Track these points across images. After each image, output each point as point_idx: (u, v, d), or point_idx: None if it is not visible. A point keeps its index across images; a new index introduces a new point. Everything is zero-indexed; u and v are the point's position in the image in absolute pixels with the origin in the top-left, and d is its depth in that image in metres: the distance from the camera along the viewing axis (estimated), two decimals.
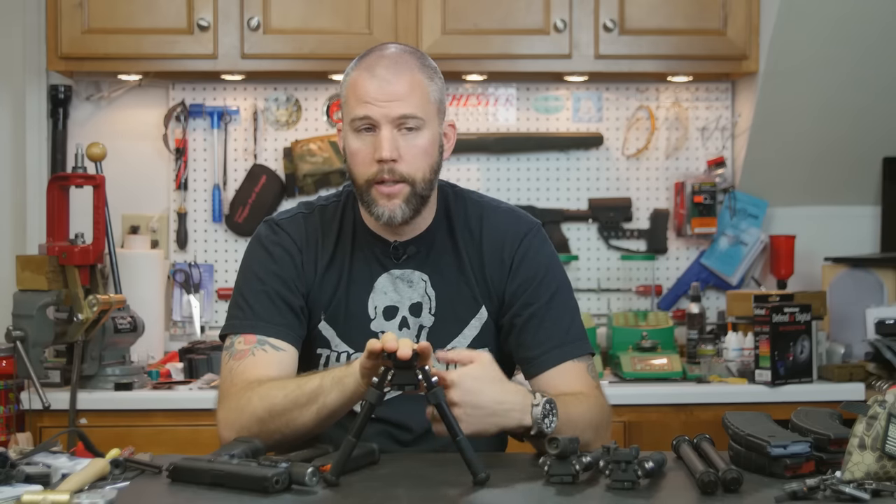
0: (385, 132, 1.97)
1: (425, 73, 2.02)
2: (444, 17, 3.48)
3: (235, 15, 3.46)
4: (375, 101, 1.97)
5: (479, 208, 2.13)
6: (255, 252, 2.09)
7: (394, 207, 1.99)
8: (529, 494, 1.68)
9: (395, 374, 1.72)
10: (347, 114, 2.02)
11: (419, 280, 2.08)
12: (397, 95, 1.97)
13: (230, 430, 1.93)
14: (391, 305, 2.07)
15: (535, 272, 2.08)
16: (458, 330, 2.08)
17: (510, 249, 2.09)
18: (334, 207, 2.12)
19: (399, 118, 1.97)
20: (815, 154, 3.77)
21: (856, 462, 1.60)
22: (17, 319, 2.97)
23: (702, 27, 3.54)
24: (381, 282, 2.08)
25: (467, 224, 2.11)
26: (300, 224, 2.10)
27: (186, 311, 3.72)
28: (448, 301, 2.08)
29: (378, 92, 1.97)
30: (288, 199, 3.75)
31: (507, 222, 2.11)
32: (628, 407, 3.19)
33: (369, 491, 1.67)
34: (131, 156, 3.75)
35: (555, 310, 2.07)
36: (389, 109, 1.97)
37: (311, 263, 2.07)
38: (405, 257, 2.08)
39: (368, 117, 1.98)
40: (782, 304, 3.20)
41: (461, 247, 2.09)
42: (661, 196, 3.88)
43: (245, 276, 2.08)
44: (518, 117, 3.85)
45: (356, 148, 2.01)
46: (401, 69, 1.99)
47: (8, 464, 1.63)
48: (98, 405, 3.08)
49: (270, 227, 2.10)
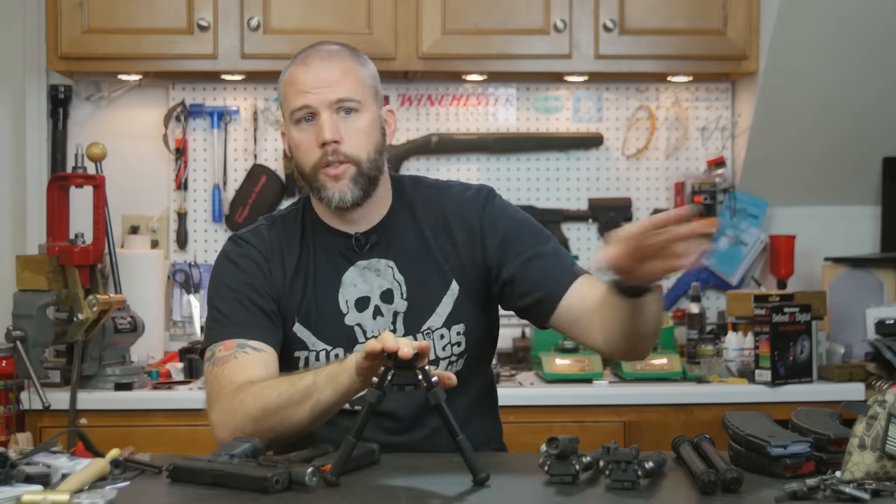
0: (325, 116, 2.04)
1: (357, 59, 2.11)
2: (444, 17, 3.48)
3: (235, 15, 3.46)
4: (312, 90, 2.05)
5: (434, 189, 2.18)
6: (222, 266, 2.13)
7: (343, 188, 2.05)
8: (529, 494, 1.68)
9: (396, 374, 1.72)
10: (287, 108, 2.08)
11: (385, 267, 2.11)
12: (331, 81, 2.05)
13: (225, 431, 1.95)
14: (362, 297, 2.10)
15: (511, 225, 2.13)
16: (432, 310, 2.10)
17: (476, 216, 2.13)
18: (294, 214, 2.17)
19: (336, 102, 2.04)
20: (816, 154, 3.77)
21: (856, 462, 1.60)
22: (17, 319, 2.97)
23: (702, 27, 3.54)
24: (348, 275, 2.11)
25: (426, 205, 2.15)
26: (263, 235, 2.14)
27: (186, 311, 3.72)
28: (417, 283, 2.11)
29: (314, 80, 2.05)
30: (288, 199, 3.75)
31: (462, 194, 2.16)
32: (628, 407, 3.19)
33: (369, 491, 1.67)
34: (131, 156, 3.75)
35: (548, 248, 2.11)
36: (325, 95, 2.04)
37: (278, 270, 2.11)
38: (368, 247, 2.11)
39: (307, 105, 2.05)
40: (782, 304, 3.20)
41: (424, 227, 2.13)
42: (661, 196, 3.88)
43: (216, 289, 2.12)
44: (518, 117, 3.85)
45: (299, 139, 2.07)
46: (333, 58, 2.08)
47: (8, 464, 1.63)
48: (98, 405, 3.08)
49: (234, 241, 2.16)
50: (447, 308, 2.11)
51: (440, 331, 2.10)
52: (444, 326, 2.10)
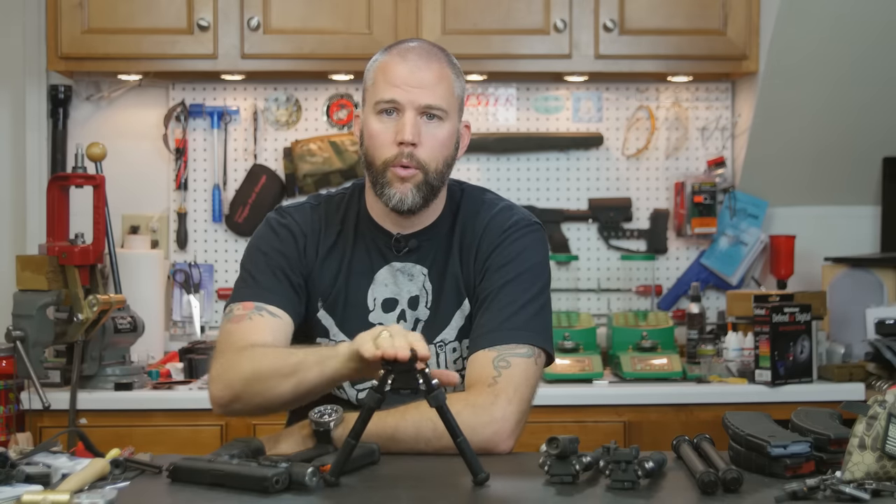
0: (409, 116, 2.01)
1: (453, 68, 2.08)
2: (444, 17, 3.48)
3: (235, 15, 3.46)
4: (404, 86, 2.01)
5: (479, 205, 2.14)
6: (261, 232, 2.14)
7: (405, 191, 2.03)
8: (529, 494, 1.68)
9: (396, 378, 1.71)
10: (373, 96, 2.05)
11: (419, 274, 2.11)
12: (426, 83, 2.02)
13: (217, 386, 1.98)
14: (390, 298, 2.10)
15: (499, 260, 2.07)
16: (446, 323, 2.10)
17: (489, 240, 2.10)
18: (340, 198, 2.17)
19: (424, 107, 2.02)
20: (815, 154, 3.77)
21: (856, 462, 1.60)
22: (17, 319, 2.97)
23: (702, 27, 3.54)
24: (381, 273, 2.10)
25: (466, 221, 2.13)
26: (307, 213, 2.14)
27: (186, 311, 3.72)
28: (440, 295, 2.10)
29: (409, 76, 2.02)
30: (288, 199, 3.75)
31: (496, 217, 2.12)
32: (628, 407, 3.19)
33: (369, 491, 1.67)
34: (131, 156, 3.75)
35: (503, 297, 2.04)
36: (416, 96, 2.01)
37: (312, 249, 2.11)
38: (406, 250, 2.11)
39: (395, 101, 2.02)
40: (782, 304, 3.20)
41: (455, 242, 2.12)
42: (661, 196, 3.88)
43: (250, 252, 2.13)
44: (518, 117, 3.85)
45: (377, 129, 2.04)
46: (432, 59, 2.05)
47: (8, 464, 1.63)
48: (98, 405, 3.08)
49: (279, 212, 2.16)
50: (459, 322, 2.11)
51: (452, 344, 2.11)
52: (457, 340, 2.11)
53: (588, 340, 3.35)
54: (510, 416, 1.95)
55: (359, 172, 3.73)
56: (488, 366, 1.98)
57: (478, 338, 2.03)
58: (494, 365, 1.98)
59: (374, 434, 1.85)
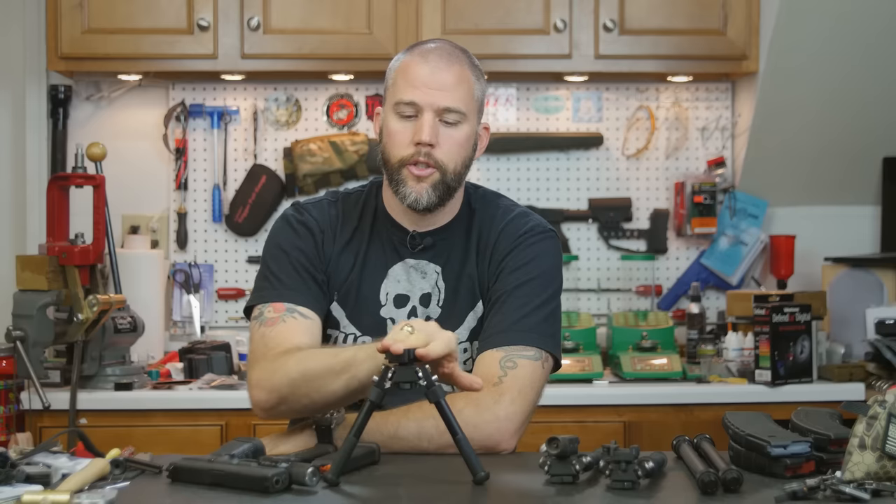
0: (427, 117, 2.02)
1: (473, 71, 2.09)
2: (444, 17, 3.49)
3: (235, 15, 3.46)
4: (424, 87, 2.03)
5: (495, 209, 2.16)
6: (280, 229, 2.15)
7: (421, 190, 2.04)
8: (529, 494, 1.68)
9: (396, 371, 1.72)
10: (393, 96, 2.07)
11: (432, 272, 2.12)
12: (446, 85, 2.03)
13: (262, 391, 1.97)
14: (402, 294, 2.11)
15: (514, 263, 2.09)
16: (459, 323, 2.11)
17: (505, 244, 2.11)
18: (358, 195, 2.18)
19: (443, 109, 2.03)
20: (815, 154, 3.77)
21: (856, 462, 1.60)
22: (17, 319, 2.97)
23: (702, 27, 3.54)
24: (395, 269, 2.12)
25: (482, 224, 2.14)
26: (324, 208, 2.15)
27: (186, 311, 3.72)
28: (453, 294, 2.11)
29: (429, 77, 2.03)
30: (288, 199, 3.75)
31: (513, 222, 2.14)
32: (628, 407, 3.19)
33: (369, 491, 1.67)
34: (131, 156, 3.75)
35: (514, 299, 2.06)
36: (435, 98, 2.02)
37: (330, 243, 2.12)
38: (421, 247, 2.12)
39: (414, 103, 2.03)
40: (782, 304, 3.20)
41: (472, 244, 2.13)
42: (661, 196, 3.88)
43: (271, 250, 2.13)
44: (518, 117, 3.85)
45: (396, 129, 2.06)
46: (453, 61, 2.06)
47: (8, 464, 1.63)
48: (98, 405, 3.08)
49: (296, 208, 2.17)
50: (471, 323, 2.11)
51: (464, 344, 2.11)
52: (468, 340, 2.11)
53: (588, 340, 3.35)
54: (513, 415, 1.96)
55: (359, 173, 3.74)
56: (494, 365, 2.00)
57: (487, 338, 2.05)
58: (501, 365, 1.99)
59: (376, 432, 1.86)
